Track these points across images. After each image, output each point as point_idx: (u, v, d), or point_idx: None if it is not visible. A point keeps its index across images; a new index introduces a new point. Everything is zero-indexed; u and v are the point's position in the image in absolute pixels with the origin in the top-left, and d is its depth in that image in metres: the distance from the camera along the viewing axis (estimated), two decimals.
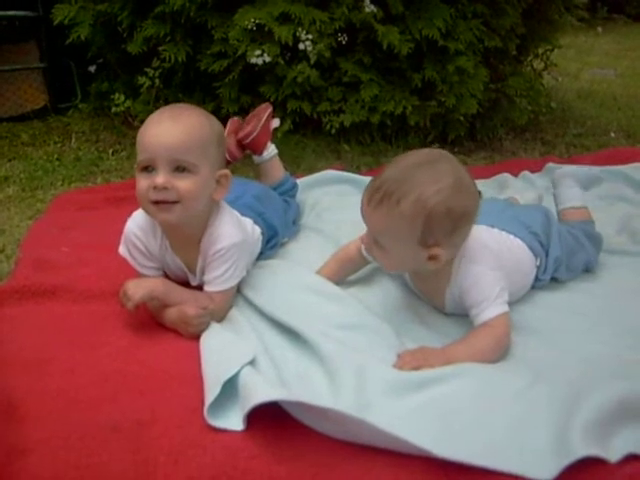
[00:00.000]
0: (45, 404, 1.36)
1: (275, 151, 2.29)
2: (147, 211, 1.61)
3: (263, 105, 2.32)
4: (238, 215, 1.76)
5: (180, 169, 1.54)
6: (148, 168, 1.55)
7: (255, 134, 2.19)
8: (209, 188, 1.61)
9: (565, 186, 2.15)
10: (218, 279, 1.66)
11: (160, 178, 1.53)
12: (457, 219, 1.48)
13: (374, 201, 1.50)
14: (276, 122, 2.33)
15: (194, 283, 1.75)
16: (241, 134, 2.20)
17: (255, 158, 2.29)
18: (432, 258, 1.52)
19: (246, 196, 1.95)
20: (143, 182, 1.56)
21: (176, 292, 1.66)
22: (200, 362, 1.46)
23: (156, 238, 1.69)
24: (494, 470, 1.17)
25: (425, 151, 1.60)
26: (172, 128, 1.54)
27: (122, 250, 1.71)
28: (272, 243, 1.97)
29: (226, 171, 1.66)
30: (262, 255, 1.92)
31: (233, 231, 1.67)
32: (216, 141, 1.62)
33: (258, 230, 1.88)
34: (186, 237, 1.67)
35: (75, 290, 1.77)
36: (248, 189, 2.02)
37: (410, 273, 1.72)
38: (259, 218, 1.90)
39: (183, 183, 1.54)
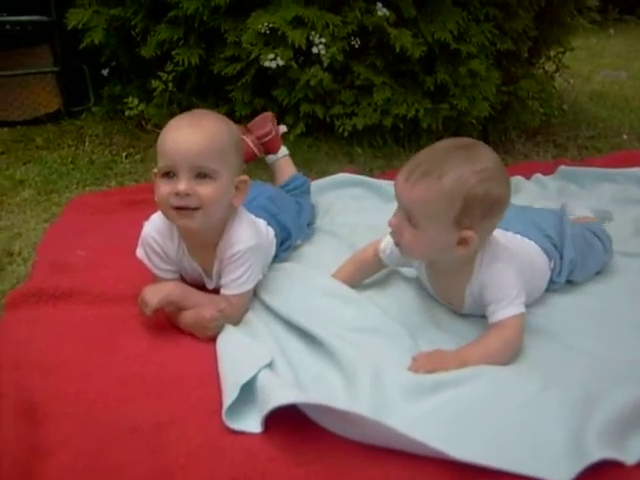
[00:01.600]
0: (64, 406, 1.37)
1: (287, 151, 2.40)
2: (168, 217, 1.63)
3: (267, 114, 2.44)
4: (254, 219, 1.78)
5: (201, 175, 1.56)
6: (169, 174, 1.57)
7: (274, 133, 2.34)
8: (229, 194, 1.63)
9: (577, 207, 2.22)
10: (235, 282, 1.67)
11: (182, 185, 1.54)
12: (492, 204, 1.50)
13: (414, 176, 1.51)
14: (283, 128, 2.48)
15: (210, 287, 1.76)
16: (261, 132, 2.33)
17: (270, 157, 2.38)
18: (462, 242, 1.52)
19: (260, 198, 1.96)
20: (164, 188, 1.57)
21: (192, 295, 1.67)
22: (217, 365, 1.47)
23: (173, 242, 1.70)
24: (510, 472, 1.17)
25: (460, 138, 1.63)
26: (193, 135, 1.56)
27: (140, 253, 1.72)
28: (286, 245, 1.98)
29: (245, 177, 1.68)
30: (276, 257, 1.93)
31: (248, 235, 1.68)
32: (235, 147, 1.64)
33: (272, 232, 1.89)
34: (203, 241, 1.69)
35: (92, 293, 1.78)
36: (262, 191, 2.04)
37: (429, 272, 1.73)
38: (273, 220, 1.91)
39: (204, 189, 1.56)
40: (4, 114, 3.54)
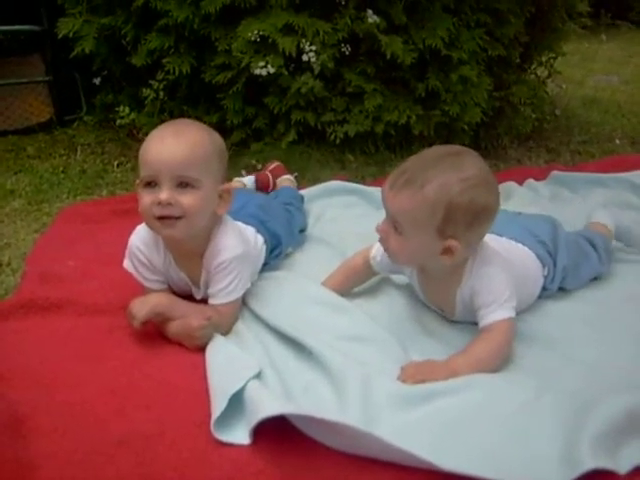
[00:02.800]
0: (51, 419, 1.36)
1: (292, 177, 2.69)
2: (151, 227, 1.62)
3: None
4: (240, 227, 1.77)
5: (183, 185, 1.55)
6: (151, 184, 1.56)
7: (276, 164, 2.71)
8: (212, 203, 1.62)
9: (601, 212, 2.18)
10: (222, 291, 1.66)
11: (164, 194, 1.53)
12: (478, 212, 1.48)
13: (398, 184, 1.50)
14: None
15: (198, 297, 1.75)
16: (270, 167, 2.69)
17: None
18: (446, 252, 1.51)
19: (249, 206, 1.96)
20: (147, 198, 1.57)
21: (180, 306, 1.66)
22: (206, 375, 1.46)
23: (159, 252, 1.70)
24: None
25: (449, 145, 1.63)
26: (175, 144, 1.55)
27: (126, 264, 1.72)
28: (276, 252, 1.97)
29: (228, 186, 1.67)
30: (267, 265, 1.92)
31: (235, 243, 1.67)
32: (218, 156, 1.63)
33: (261, 239, 1.88)
34: (189, 251, 1.68)
35: (81, 304, 1.77)
36: (251, 199, 2.03)
37: (420, 278, 1.72)
38: (262, 227, 1.91)
39: (187, 198, 1.55)
40: None
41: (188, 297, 1.74)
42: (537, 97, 3.57)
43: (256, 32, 2.83)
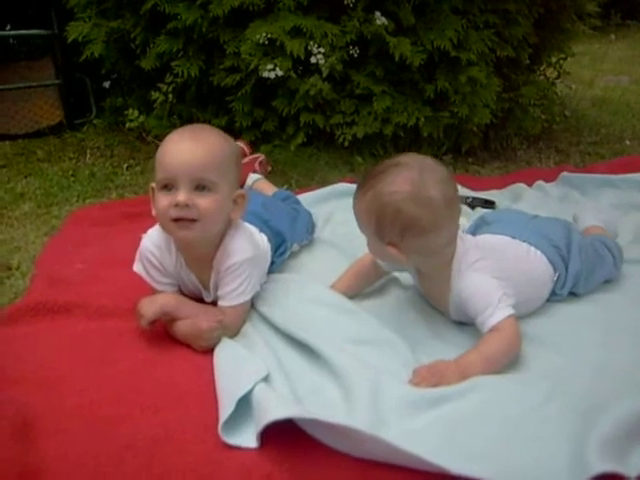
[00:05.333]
0: (60, 422, 1.36)
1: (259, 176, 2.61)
2: (166, 229, 1.63)
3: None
4: (251, 230, 1.77)
5: (200, 187, 1.56)
6: (168, 186, 1.56)
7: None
8: (227, 207, 1.63)
9: (588, 216, 2.19)
10: (231, 293, 1.66)
11: (182, 196, 1.54)
12: (405, 225, 1.51)
13: (357, 187, 1.62)
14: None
15: (208, 300, 1.75)
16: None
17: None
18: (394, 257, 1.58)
19: (252, 204, 1.94)
20: (164, 200, 1.57)
21: (187, 306, 1.67)
22: (214, 378, 1.46)
23: (171, 255, 1.70)
24: None
25: (420, 157, 1.63)
26: (193, 147, 1.56)
27: (137, 267, 1.72)
28: (281, 250, 1.97)
29: (243, 191, 1.68)
30: (273, 264, 1.92)
31: (245, 246, 1.67)
32: (234, 161, 1.65)
33: (265, 238, 1.87)
34: (200, 254, 1.68)
35: (90, 307, 1.78)
36: (254, 198, 2.02)
37: (418, 276, 1.74)
38: (264, 225, 1.91)
39: (204, 201, 1.55)
40: (6, 127, 3.56)
41: (198, 300, 1.74)
42: (546, 98, 3.57)
43: (264, 35, 2.84)
